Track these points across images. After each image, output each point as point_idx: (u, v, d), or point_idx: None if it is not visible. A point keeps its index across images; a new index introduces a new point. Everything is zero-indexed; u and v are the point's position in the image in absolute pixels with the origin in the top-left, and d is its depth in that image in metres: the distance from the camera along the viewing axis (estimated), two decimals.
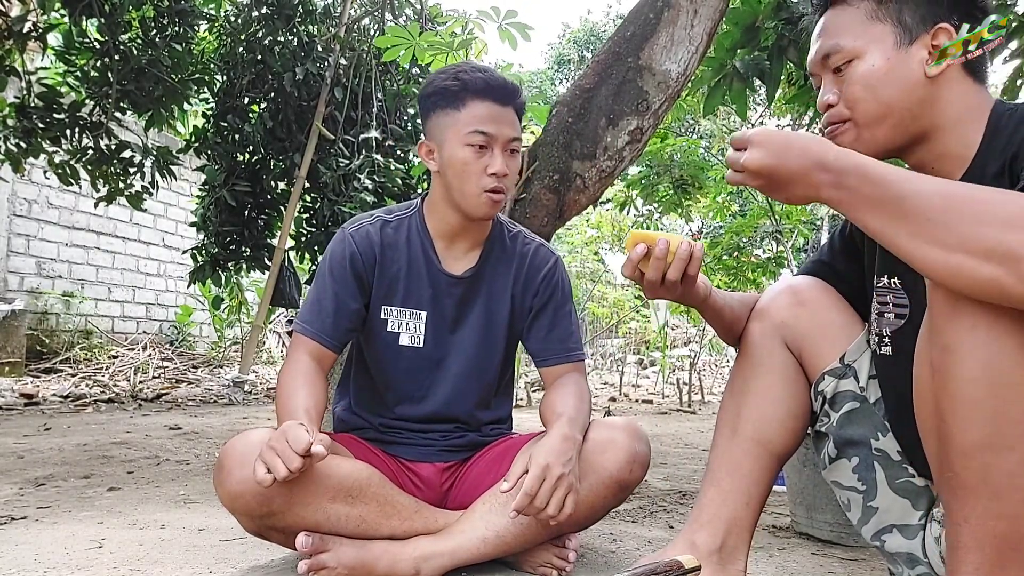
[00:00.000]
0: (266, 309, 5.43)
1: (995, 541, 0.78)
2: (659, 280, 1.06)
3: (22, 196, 6.35)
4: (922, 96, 0.98)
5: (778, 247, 5.55)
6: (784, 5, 2.46)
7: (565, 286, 1.51)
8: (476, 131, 1.31)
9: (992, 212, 0.74)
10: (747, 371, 1.17)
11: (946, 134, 0.99)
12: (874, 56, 0.99)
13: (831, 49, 1.03)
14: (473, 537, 1.28)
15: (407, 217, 1.46)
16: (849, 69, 1.01)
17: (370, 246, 1.41)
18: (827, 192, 0.87)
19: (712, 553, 1.11)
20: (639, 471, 1.33)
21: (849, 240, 1.20)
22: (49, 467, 2.39)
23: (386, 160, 4.89)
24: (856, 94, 1.00)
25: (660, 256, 1.04)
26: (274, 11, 4.94)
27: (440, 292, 1.44)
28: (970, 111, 0.98)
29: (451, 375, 1.45)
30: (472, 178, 1.33)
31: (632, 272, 1.07)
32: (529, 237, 1.53)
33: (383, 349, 1.44)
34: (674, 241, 1.06)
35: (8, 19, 3.82)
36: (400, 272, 1.43)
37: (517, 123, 1.37)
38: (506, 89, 1.35)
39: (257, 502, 1.17)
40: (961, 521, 0.81)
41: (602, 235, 8.82)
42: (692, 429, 4.40)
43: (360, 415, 1.50)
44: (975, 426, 0.77)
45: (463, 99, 1.33)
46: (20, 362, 5.84)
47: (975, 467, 0.78)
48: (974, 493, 0.79)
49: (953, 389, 0.79)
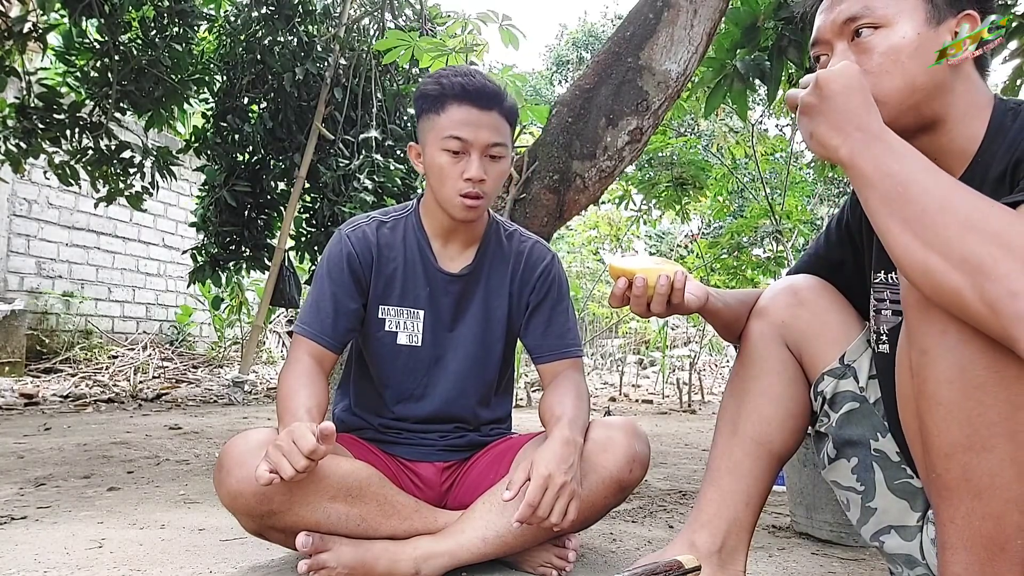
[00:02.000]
0: (266, 309, 5.43)
1: (982, 541, 0.79)
2: (645, 310, 1.08)
3: (22, 196, 6.35)
4: (941, 81, 0.94)
5: (778, 247, 5.55)
6: (784, 5, 2.46)
7: (562, 283, 1.51)
8: (452, 136, 1.32)
9: (983, 222, 0.73)
10: (747, 371, 1.17)
11: (953, 126, 0.96)
12: (905, 27, 0.93)
13: (859, 12, 0.94)
14: (473, 537, 1.28)
15: (403, 217, 1.47)
16: (875, 36, 0.94)
17: (367, 246, 1.42)
18: (847, 151, 0.84)
19: (712, 554, 1.11)
20: (639, 471, 1.34)
21: (845, 232, 1.19)
22: (49, 467, 2.39)
23: (386, 160, 4.90)
24: (882, 65, 0.93)
25: (639, 294, 1.06)
26: (274, 11, 4.94)
27: (437, 290, 1.44)
28: (976, 106, 0.96)
29: (450, 373, 1.45)
30: (448, 182, 1.33)
31: (619, 304, 1.09)
32: (525, 235, 1.54)
33: (381, 348, 1.44)
34: (651, 276, 1.06)
35: (8, 19, 3.82)
36: (397, 271, 1.43)
37: (501, 127, 1.35)
38: (485, 93, 1.33)
39: (257, 501, 1.17)
40: (948, 522, 0.81)
41: (601, 235, 8.82)
42: (692, 429, 4.41)
43: (360, 416, 1.50)
44: (953, 427, 0.78)
45: (443, 104, 1.34)
46: (20, 362, 5.84)
47: (956, 468, 0.78)
48: (957, 494, 0.79)
49: (930, 391, 0.79)
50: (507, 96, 1.38)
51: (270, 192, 5.24)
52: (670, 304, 1.07)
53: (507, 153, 1.38)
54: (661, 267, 1.08)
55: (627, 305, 1.09)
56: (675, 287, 1.07)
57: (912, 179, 0.79)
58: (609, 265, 1.10)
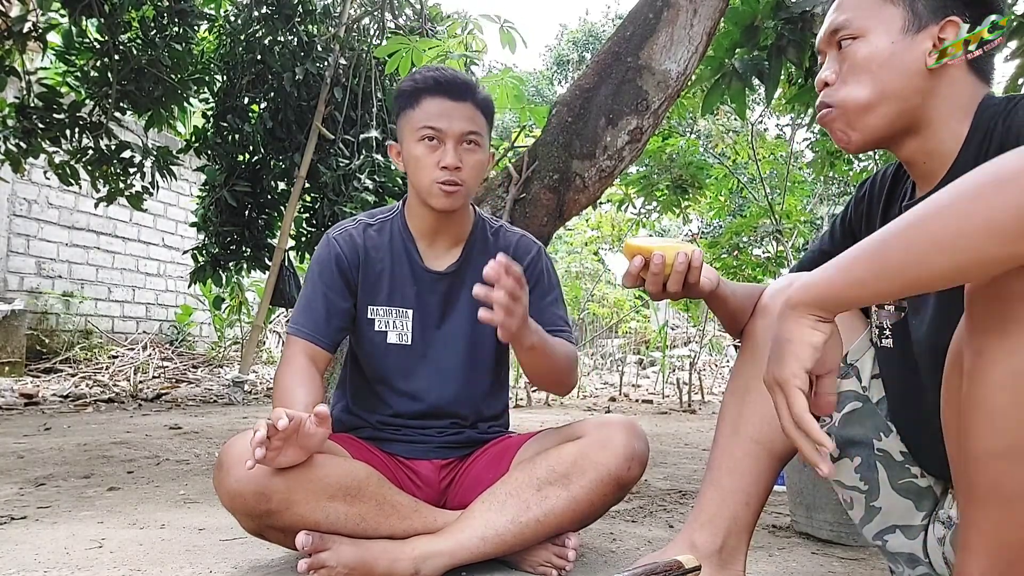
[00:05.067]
0: (266, 309, 5.43)
1: (1005, 549, 0.77)
2: (660, 290, 1.08)
3: (22, 196, 6.35)
4: (918, 87, 0.96)
5: (778, 247, 5.55)
6: (783, 5, 2.46)
7: (550, 274, 1.53)
8: (426, 126, 1.36)
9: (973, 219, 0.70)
10: (749, 370, 1.17)
11: (937, 129, 0.97)
12: (879, 38, 0.97)
13: (841, 24, 1.00)
14: (472, 536, 1.28)
15: (389, 219, 1.50)
16: (853, 46, 0.99)
17: (353, 248, 1.45)
18: (813, 334, 0.81)
19: (712, 553, 1.11)
20: (637, 468, 1.34)
21: (849, 228, 1.19)
22: (49, 467, 2.39)
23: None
24: (854, 74, 0.98)
25: (656, 271, 1.06)
26: (274, 11, 4.94)
27: (424, 289, 1.46)
28: (961, 107, 0.96)
29: (441, 370, 1.46)
30: (424, 172, 1.37)
31: (633, 283, 1.09)
32: (511, 230, 1.56)
33: (373, 348, 1.46)
34: (669, 253, 1.05)
35: (8, 19, 3.82)
36: (384, 272, 1.46)
37: (476, 118, 1.39)
38: (456, 84, 1.38)
39: (256, 501, 1.18)
40: (972, 525, 0.79)
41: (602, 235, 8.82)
42: (692, 429, 4.40)
43: (358, 415, 1.51)
44: (996, 433, 0.75)
45: (417, 98, 1.39)
46: (20, 362, 5.84)
47: (990, 473, 0.76)
48: (987, 499, 0.77)
49: (979, 394, 0.76)
50: (480, 88, 1.42)
51: (270, 192, 5.25)
52: (686, 284, 1.07)
53: (483, 143, 1.41)
54: (679, 246, 1.08)
55: (640, 285, 1.09)
56: (693, 265, 1.06)
57: (894, 249, 0.76)
58: (625, 243, 1.09)
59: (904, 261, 0.74)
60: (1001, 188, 0.68)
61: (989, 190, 0.69)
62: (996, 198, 0.68)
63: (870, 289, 0.78)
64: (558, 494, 1.30)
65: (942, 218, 0.72)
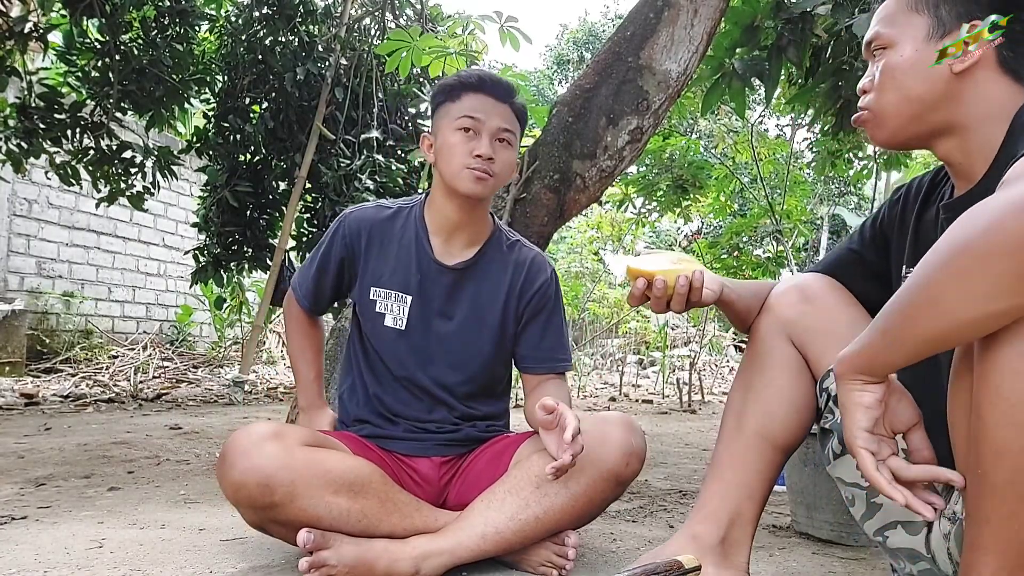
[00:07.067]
0: (266, 309, 5.43)
1: (1016, 546, 0.76)
2: (664, 309, 1.12)
3: (22, 196, 6.35)
4: (946, 91, 0.98)
5: (778, 247, 5.55)
6: (783, 5, 2.46)
7: (558, 298, 1.57)
8: (465, 116, 1.41)
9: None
10: (753, 366, 1.18)
11: (972, 132, 0.98)
12: (905, 46, 1.02)
13: (873, 36, 1.06)
14: (472, 534, 1.28)
15: (408, 208, 1.54)
16: (884, 56, 1.04)
17: (359, 228, 1.50)
18: (864, 395, 0.87)
19: (715, 546, 1.11)
20: (635, 464, 1.34)
21: (880, 230, 1.20)
22: (49, 467, 2.39)
23: (387, 160, 4.90)
24: (882, 82, 1.03)
25: (659, 296, 1.09)
26: (275, 11, 4.94)
27: (428, 279, 1.48)
28: (1000, 108, 0.96)
29: (432, 359, 1.47)
30: (457, 158, 1.40)
31: (639, 303, 1.13)
32: (527, 246, 1.58)
33: (374, 328, 1.49)
34: (671, 277, 1.08)
35: (9, 19, 3.82)
36: (390, 255, 1.49)
37: (512, 119, 1.45)
38: (499, 86, 1.44)
39: (260, 493, 1.18)
40: (983, 521, 0.78)
41: (602, 235, 8.81)
42: (692, 429, 4.40)
43: (358, 410, 1.51)
44: (1013, 425, 0.73)
45: (459, 93, 1.44)
46: (20, 362, 5.84)
47: (1006, 468, 0.74)
48: (1000, 495, 0.76)
49: (993, 383, 0.74)
50: (519, 96, 1.48)
51: (271, 192, 5.24)
52: (688, 301, 1.11)
53: (516, 143, 1.46)
54: (678, 266, 1.10)
55: (646, 302, 1.13)
56: (694, 286, 1.10)
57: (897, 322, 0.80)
58: (627, 268, 1.12)
59: (931, 317, 0.76)
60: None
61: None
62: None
63: (904, 350, 0.82)
64: (557, 491, 1.30)
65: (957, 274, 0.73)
